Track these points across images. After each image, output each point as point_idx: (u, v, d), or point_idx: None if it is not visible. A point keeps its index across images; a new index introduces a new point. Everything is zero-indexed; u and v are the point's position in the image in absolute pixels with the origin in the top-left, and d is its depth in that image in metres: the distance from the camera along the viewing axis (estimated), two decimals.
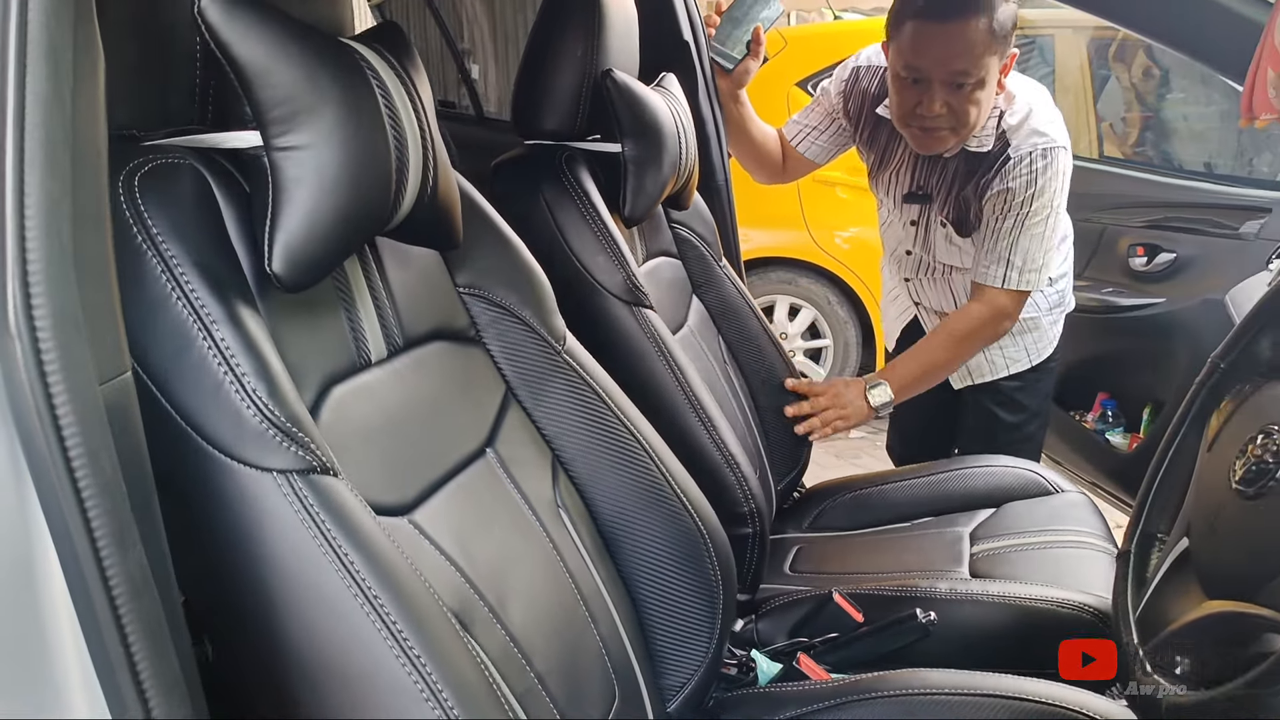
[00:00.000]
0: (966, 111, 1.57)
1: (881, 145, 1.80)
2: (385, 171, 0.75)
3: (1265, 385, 0.80)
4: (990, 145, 1.64)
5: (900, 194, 1.80)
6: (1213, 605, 0.73)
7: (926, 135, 1.62)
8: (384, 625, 0.63)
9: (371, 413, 0.82)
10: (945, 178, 1.72)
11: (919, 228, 1.82)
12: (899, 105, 1.62)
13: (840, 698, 1.05)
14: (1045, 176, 1.60)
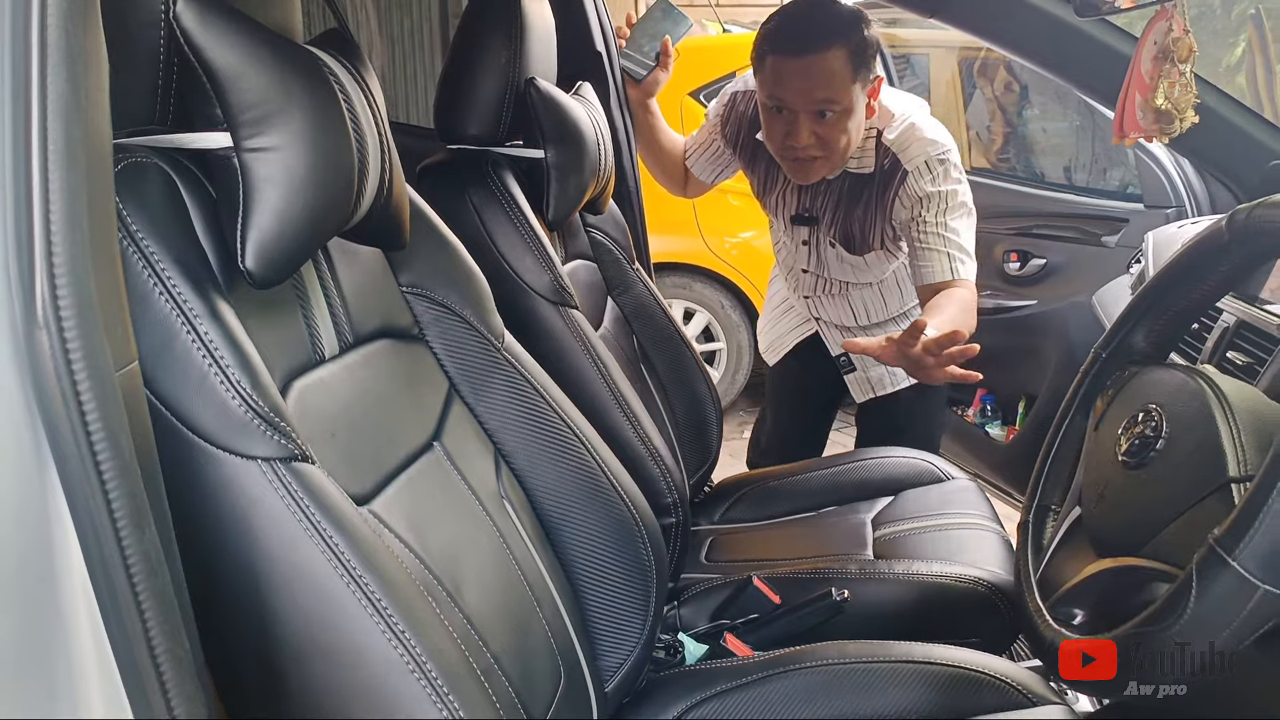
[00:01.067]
0: (836, 140, 1.59)
1: (763, 169, 1.83)
2: (349, 172, 0.78)
3: (1141, 371, 0.92)
4: (873, 165, 1.68)
5: (788, 216, 1.84)
6: (1104, 563, 0.83)
7: (799, 166, 1.65)
8: (369, 602, 0.66)
9: (328, 406, 0.84)
10: (830, 199, 1.75)
11: (810, 247, 1.85)
12: (769, 136, 1.65)
13: (765, 671, 1.12)
14: (948, 179, 1.63)
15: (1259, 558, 0.64)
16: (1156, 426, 0.82)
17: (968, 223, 1.63)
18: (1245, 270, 0.87)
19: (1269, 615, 0.65)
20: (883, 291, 1.90)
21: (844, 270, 1.85)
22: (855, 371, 1.99)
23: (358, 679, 0.65)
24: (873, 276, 1.85)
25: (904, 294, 1.91)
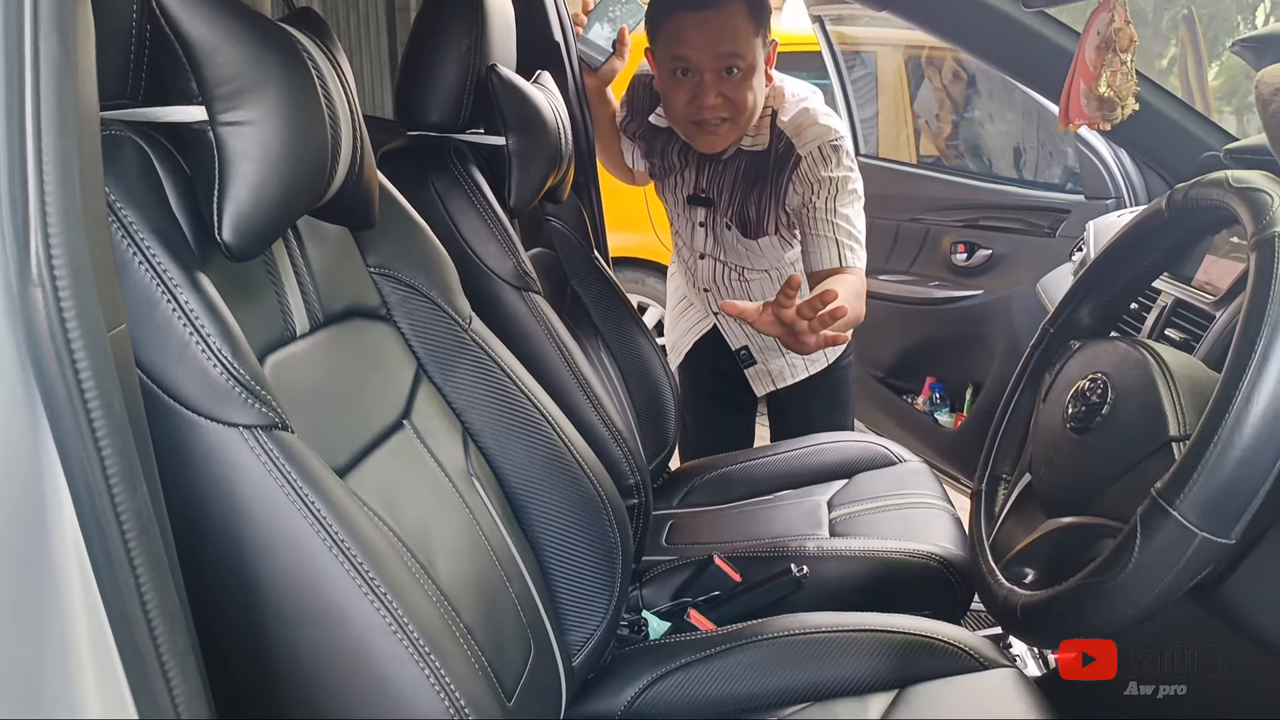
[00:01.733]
0: (742, 99, 1.59)
1: (660, 150, 1.83)
2: (323, 148, 0.79)
3: (1087, 344, 0.96)
4: (767, 143, 1.68)
5: (685, 195, 1.84)
6: (1052, 523, 0.88)
7: (704, 131, 1.64)
8: (351, 565, 0.67)
9: (302, 382, 0.85)
10: (727, 179, 1.75)
11: (707, 229, 1.85)
12: (673, 103, 1.64)
13: (728, 643, 1.15)
14: (839, 165, 1.63)
15: (1197, 507, 0.68)
16: (1102, 394, 0.87)
17: (858, 209, 1.65)
18: (1184, 246, 0.92)
19: (1206, 561, 0.69)
20: (779, 282, 1.88)
21: (740, 254, 1.84)
22: (755, 365, 1.99)
23: (340, 640, 0.66)
24: (769, 262, 1.85)
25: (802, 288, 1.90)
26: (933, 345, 2.41)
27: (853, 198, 1.64)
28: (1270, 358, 0.66)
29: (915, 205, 2.49)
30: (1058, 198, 2.17)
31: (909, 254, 2.48)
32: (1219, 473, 0.67)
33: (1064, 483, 0.89)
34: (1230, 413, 0.66)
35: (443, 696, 0.67)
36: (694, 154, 1.78)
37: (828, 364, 1.96)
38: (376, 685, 0.66)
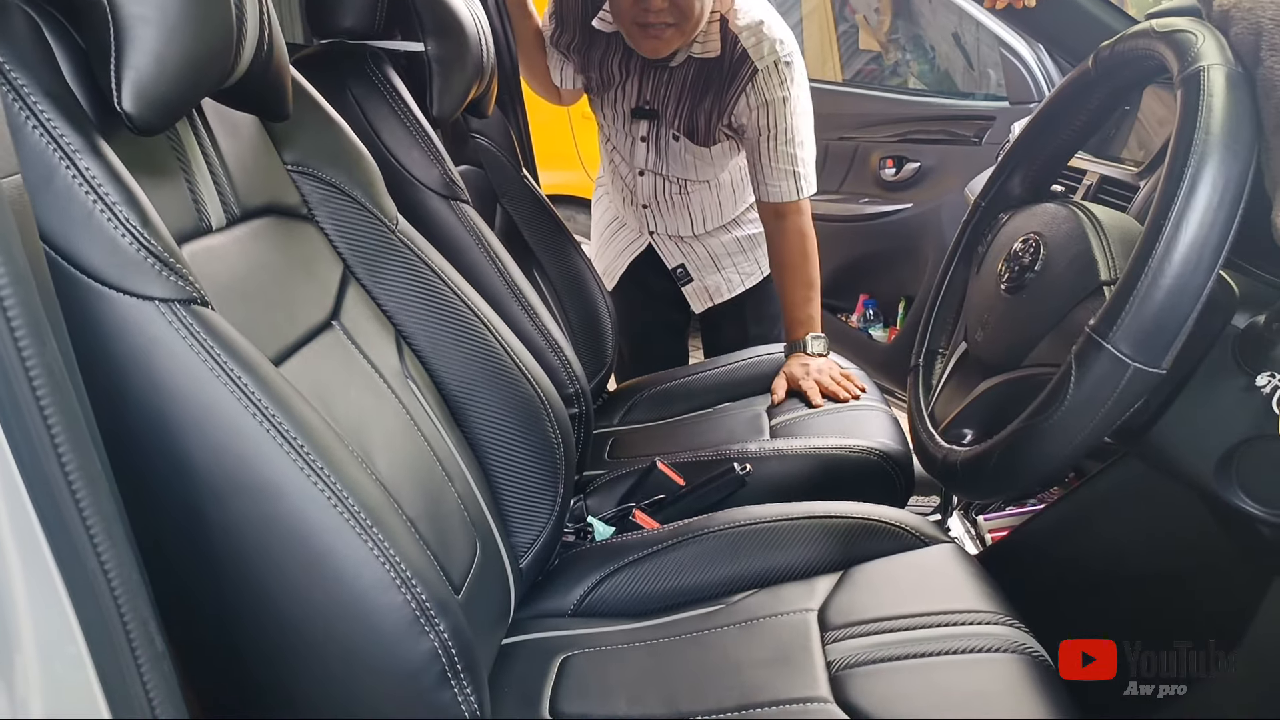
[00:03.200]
0: (689, 5, 1.56)
1: (598, 62, 1.78)
2: (226, 20, 0.75)
3: (1018, 212, 0.97)
4: (718, 50, 1.65)
5: (628, 109, 1.79)
6: (990, 382, 0.89)
7: (648, 35, 1.60)
8: (284, 439, 0.65)
9: (222, 273, 0.81)
10: (674, 89, 1.71)
11: (650, 143, 1.81)
12: (619, 3, 1.61)
13: (675, 539, 1.15)
14: (794, 83, 1.63)
15: (1130, 338, 0.69)
16: (1034, 252, 0.87)
17: (809, 127, 1.68)
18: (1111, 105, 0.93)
19: (1140, 392, 0.71)
20: (719, 194, 1.89)
21: (686, 166, 1.81)
22: (692, 282, 1.99)
23: (277, 513, 0.64)
24: (713, 172, 1.83)
25: (737, 196, 1.91)
26: (865, 262, 2.43)
27: (805, 117, 1.66)
28: (1197, 187, 0.66)
29: (843, 124, 2.49)
30: (982, 105, 2.19)
31: (839, 173, 2.49)
32: (1150, 302, 0.68)
33: (999, 342, 0.90)
34: (1160, 242, 0.67)
35: (387, 568, 0.66)
36: (637, 64, 1.74)
37: (763, 275, 1.97)
38: (316, 557, 0.64)
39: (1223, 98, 0.68)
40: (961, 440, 0.89)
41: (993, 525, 1.31)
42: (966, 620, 0.95)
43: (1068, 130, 0.96)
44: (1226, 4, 0.74)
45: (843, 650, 0.94)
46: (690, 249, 1.96)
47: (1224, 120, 0.68)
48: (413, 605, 0.67)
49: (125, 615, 0.53)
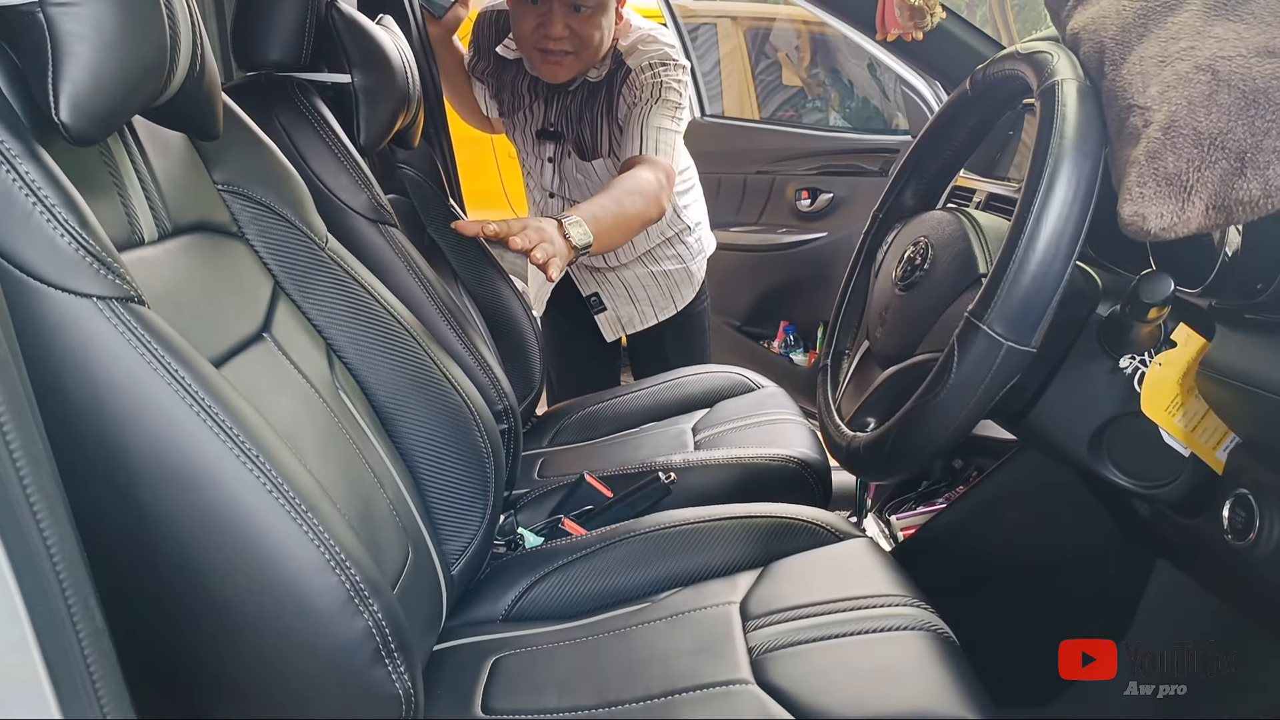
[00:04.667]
0: (589, 35, 1.62)
1: (509, 84, 1.84)
2: (160, 38, 0.78)
3: (910, 221, 1.05)
4: (607, 71, 1.72)
5: (534, 131, 1.85)
6: (889, 372, 0.96)
7: (547, 60, 1.65)
8: (219, 428, 0.67)
9: (153, 284, 0.83)
10: (573, 110, 1.77)
11: (555, 165, 1.85)
12: (520, 28, 1.65)
13: (602, 543, 1.20)
14: (666, 74, 1.64)
15: (1003, 319, 0.76)
16: (924, 252, 0.95)
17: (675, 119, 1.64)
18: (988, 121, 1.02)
19: (1014, 369, 0.78)
20: None
21: (580, 188, 1.85)
22: (605, 311, 2.01)
23: (213, 499, 0.66)
24: None
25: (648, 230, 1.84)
26: (784, 289, 2.52)
27: (673, 108, 1.64)
28: (1055, 183, 0.74)
29: (760, 158, 2.60)
30: (886, 139, 2.31)
31: (757, 205, 2.59)
32: (1018, 286, 0.75)
33: (895, 335, 0.97)
34: (1024, 233, 0.75)
35: (321, 550, 0.69)
36: (542, 87, 1.80)
37: (677, 310, 2.02)
38: (251, 541, 0.67)
39: (1074, 107, 0.77)
40: (865, 428, 0.96)
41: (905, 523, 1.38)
42: (878, 603, 1.01)
43: (951, 145, 1.05)
44: (1076, 26, 0.84)
45: (763, 637, 0.99)
46: (604, 278, 2.00)
47: (1075, 127, 0.76)
48: (346, 586, 0.70)
49: (67, 590, 0.55)
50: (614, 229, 1.42)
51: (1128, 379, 0.82)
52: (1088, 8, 0.84)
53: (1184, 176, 0.69)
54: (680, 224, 1.94)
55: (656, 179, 1.53)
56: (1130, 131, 0.74)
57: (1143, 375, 0.81)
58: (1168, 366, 0.81)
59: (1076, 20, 0.84)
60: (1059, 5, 0.87)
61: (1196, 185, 0.68)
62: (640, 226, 1.51)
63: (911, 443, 0.83)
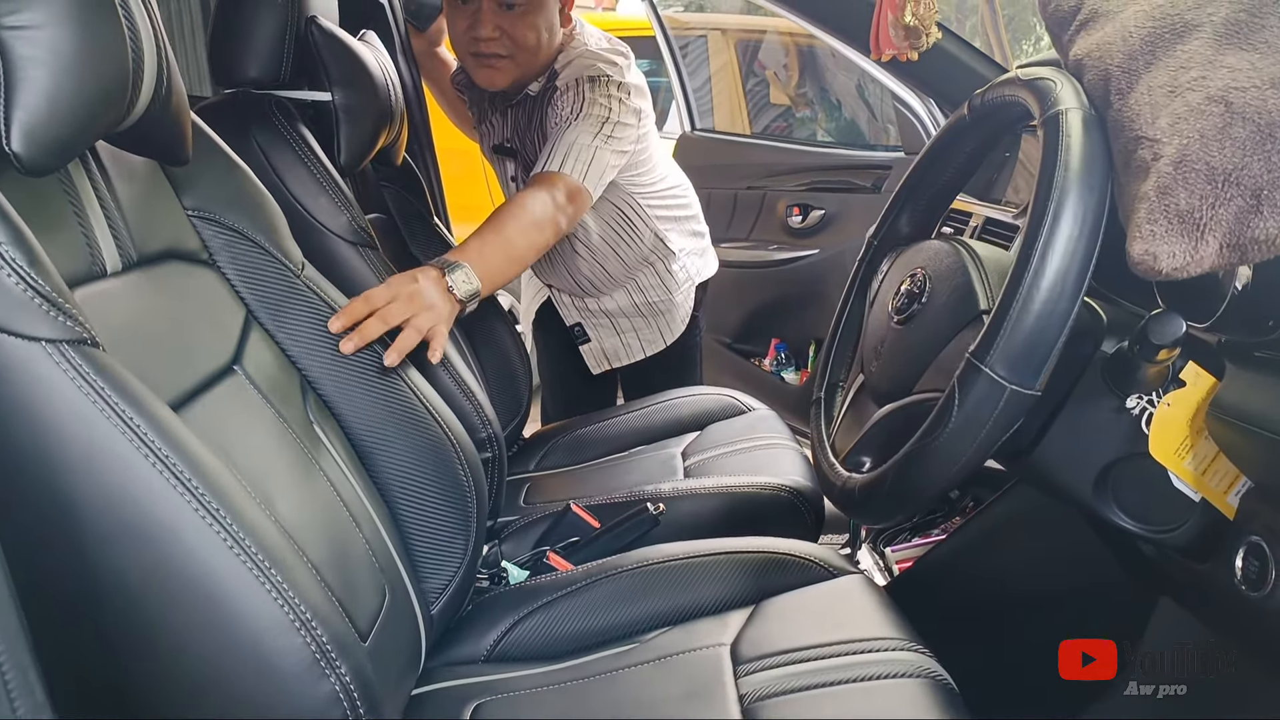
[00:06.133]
0: (523, 37, 1.51)
1: (477, 97, 1.76)
2: (121, 61, 0.74)
3: (906, 249, 1.02)
4: (541, 85, 1.61)
5: (492, 146, 1.76)
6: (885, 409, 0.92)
7: (481, 64, 1.56)
8: (177, 480, 0.63)
9: (115, 318, 0.80)
10: (521, 125, 1.67)
11: (517, 184, 1.74)
12: (454, 33, 1.54)
13: (588, 579, 1.16)
14: (594, 95, 1.50)
15: (1005, 361, 0.73)
16: (921, 285, 0.92)
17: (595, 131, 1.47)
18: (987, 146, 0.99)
19: (1017, 413, 0.74)
20: (596, 258, 1.78)
21: None
22: (590, 343, 1.93)
23: (169, 555, 0.62)
24: None
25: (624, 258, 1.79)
26: (775, 307, 2.49)
27: (595, 121, 1.48)
28: (1060, 218, 0.71)
29: (751, 173, 2.57)
30: (879, 155, 2.28)
31: (748, 221, 2.56)
32: (1021, 327, 0.72)
33: (891, 371, 0.94)
34: (1028, 272, 0.72)
35: (285, 609, 0.65)
36: (499, 99, 1.70)
37: (666, 345, 1.93)
38: (211, 600, 0.63)
39: (1079, 138, 0.74)
40: (860, 468, 0.92)
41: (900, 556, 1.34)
42: (874, 648, 0.97)
43: (948, 171, 1.01)
44: (1080, 53, 0.80)
45: (755, 683, 0.95)
46: (585, 307, 1.90)
47: (1081, 158, 0.73)
48: (312, 647, 0.66)
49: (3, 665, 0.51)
50: (505, 264, 1.33)
51: (1135, 419, 0.79)
52: (1092, 33, 0.80)
53: (1197, 214, 0.65)
54: (664, 250, 1.83)
55: (551, 198, 1.40)
56: (1139, 164, 0.71)
57: (1150, 416, 0.78)
58: (1176, 407, 0.78)
59: (1080, 45, 0.80)
60: (1061, 29, 0.84)
61: (1210, 223, 0.65)
62: (535, 254, 1.41)
63: (908, 488, 0.80)
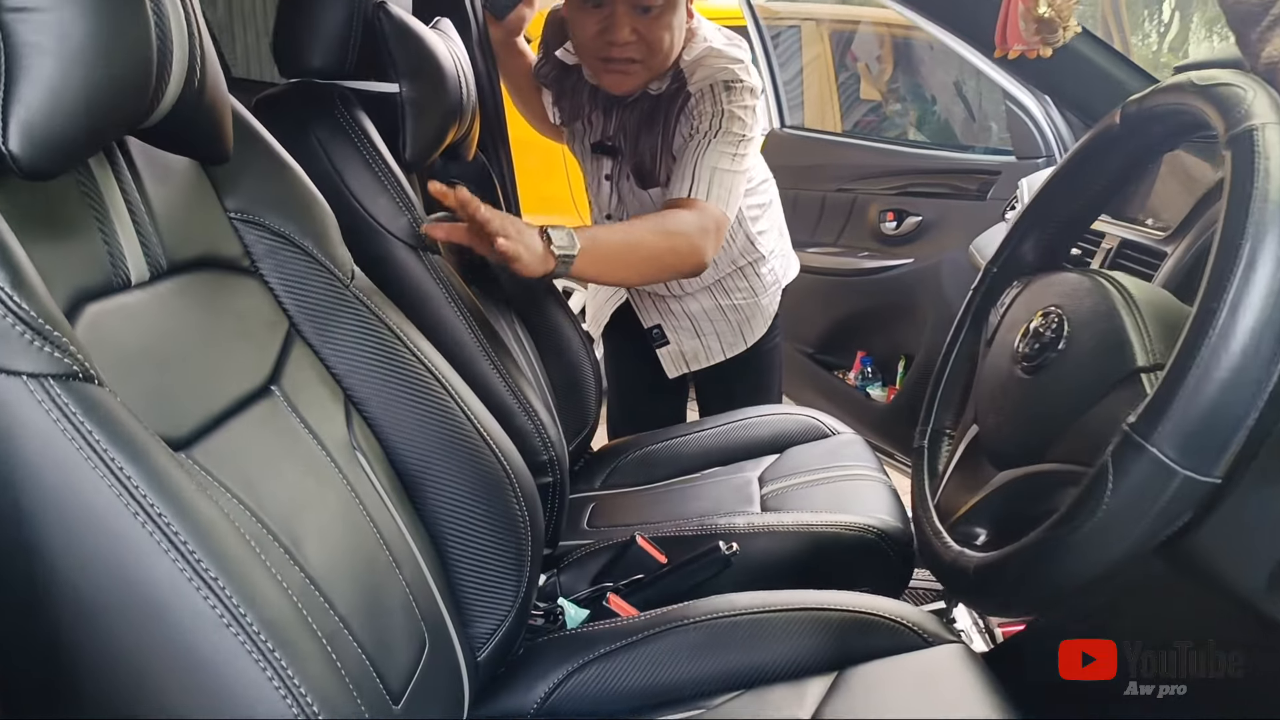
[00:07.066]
0: (658, 39, 1.45)
1: (570, 91, 1.68)
2: (144, 49, 0.66)
3: (1033, 280, 0.87)
4: (666, 85, 1.55)
5: (590, 144, 1.69)
6: (1005, 475, 0.78)
7: (610, 69, 1.50)
8: (171, 544, 0.54)
9: (134, 337, 0.72)
10: (630, 125, 1.60)
11: (613, 184, 1.69)
12: (580, 35, 1.49)
13: (651, 629, 1.05)
14: (732, 102, 1.47)
15: (1177, 440, 0.59)
16: (1056, 327, 0.78)
17: (737, 153, 1.46)
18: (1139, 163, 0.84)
19: (1187, 504, 0.61)
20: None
21: (639, 212, 1.66)
22: (668, 345, 1.83)
23: (157, 636, 0.53)
24: None
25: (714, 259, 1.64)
26: (862, 318, 2.35)
27: (734, 139, 1.46)
28: (1257, 263, 0.57)
29: (842, 175, 2.42)
30: (987, 159, 2.12)
31: (836, 225, 2.41)
32: (1202, 398, 0.58)
33: (1016, 430, 0.80)
34: (1214, 328, 0.57)
35: (288, 699, 0.55)
36: (602, 96, 1.64)
37: (747, 346, 1.85)
38: (200, 687, 0.53)
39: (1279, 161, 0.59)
40: (973, 541, 0.79)
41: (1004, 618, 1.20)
42: None
43: (1089, 191, 0.86)
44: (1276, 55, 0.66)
45: None
46: (668, 309, 1.82)
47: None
48: None
49: None
50: (615, 260, 1.30)
51: None
52: None
53: None
54: (755, 253, 1.76)
55: (699, 225, 1.38)
56: None
57: None
58: None
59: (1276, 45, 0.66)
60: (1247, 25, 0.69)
61: None
62: (657, 272, 1.38)
63: (1041, 581, 0.66)
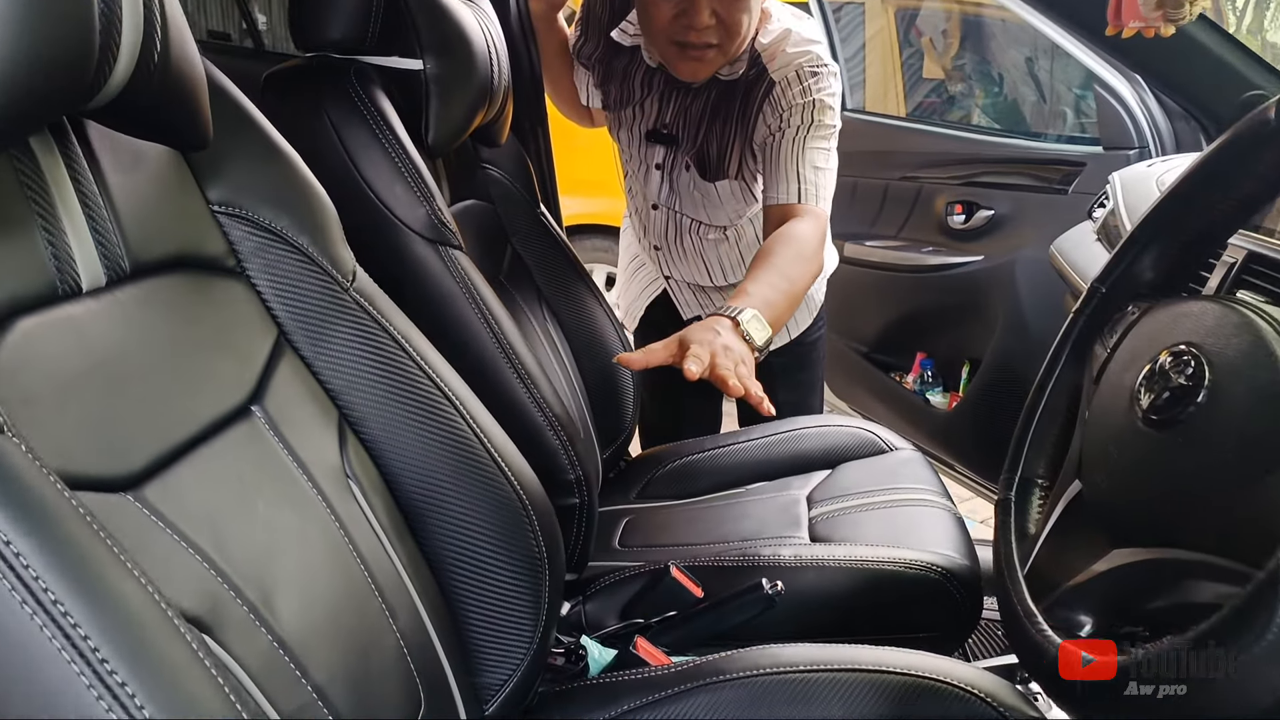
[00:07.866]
0: (737, 23, 1.36)
1: (619, 75, 1.57)
2: (81, 19, 0.54)
3: (1155, 307, 0.72)
4: (741, 70, 1.45)
5: (644, 130, 1.58)
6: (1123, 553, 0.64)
7: (687, 56, 1.40)
8: (65, 639, 0.43)
9: (77, 355, 0.61)
10: (694, 113, 1.51)
11: (664, 173, 1.59)
12: (654, 17, 1.38)
13: (683, 684, 0.92)
14: (819, 90, 1.40)
15: None
16: (1194, 373, 0.63)
17: (828, 148, 1.41)
18: None
19: None
20: (740, 247, 1.65)
21: (696, 205, 1.59)
22: None
23: None
24: (727, 217, 1.59)
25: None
26: (924, 317, 2.19)
27: (828, 131, 1.41)
28: None
29: (906, 162, 2.25)
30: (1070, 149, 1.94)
31: (898, 216, 2.25)
32: None
33: (1136, 496, 0.65)
34: None
35: None
36: (660, 80, 1.52)
37: (790, 339, 1.73)
38: None
39: None
40: (1075, 630, 0.65)
41: None
42: None
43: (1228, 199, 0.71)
44: None
45: None
46: (709, 300, 1.72)
47: None
48: None
49: None
50: (786, 311, 1.21)
51: None
52: None
53: None
54: None
55: (821, 235, 1.34)
56: None
57: None
58: None
59: None
60: None
61: None
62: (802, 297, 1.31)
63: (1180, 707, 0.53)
